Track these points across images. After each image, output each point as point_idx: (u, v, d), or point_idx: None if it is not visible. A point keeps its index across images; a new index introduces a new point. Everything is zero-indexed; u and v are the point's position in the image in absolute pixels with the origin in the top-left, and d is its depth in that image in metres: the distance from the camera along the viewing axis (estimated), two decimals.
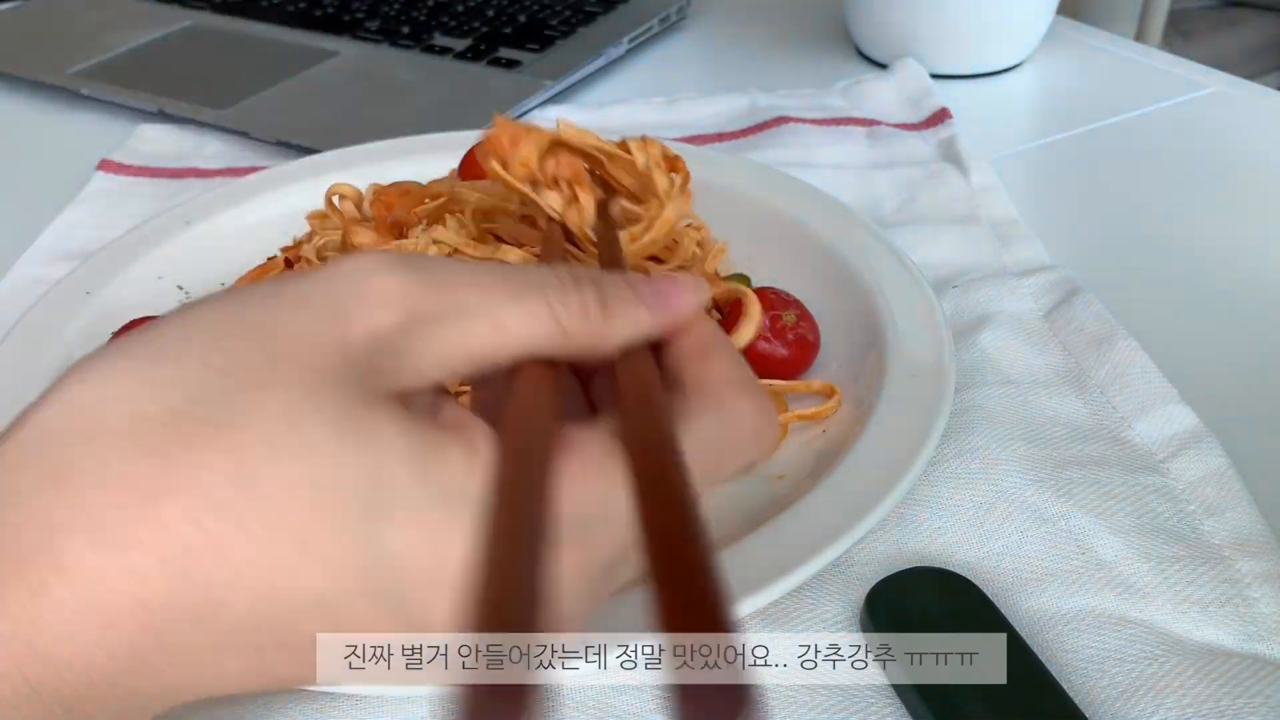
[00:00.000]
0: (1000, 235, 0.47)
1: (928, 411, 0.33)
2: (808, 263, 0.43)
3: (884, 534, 0.32)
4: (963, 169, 0.52)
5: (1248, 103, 0.60)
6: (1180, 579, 0.30)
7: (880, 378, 0.35)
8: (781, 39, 0.73)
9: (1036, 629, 0.29)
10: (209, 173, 0.57)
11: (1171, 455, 0.34)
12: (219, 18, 0.76)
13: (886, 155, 0.55)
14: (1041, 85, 0.65)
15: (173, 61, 0.70)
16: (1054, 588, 0.30)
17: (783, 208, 0.45)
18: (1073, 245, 0.47)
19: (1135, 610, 0.29)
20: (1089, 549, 0.31)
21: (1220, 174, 0.53)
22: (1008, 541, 0.31)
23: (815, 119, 0.59)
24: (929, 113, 0.59)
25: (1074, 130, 0.58)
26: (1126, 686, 0.27)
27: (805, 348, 0.38)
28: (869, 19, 0.67)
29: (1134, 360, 0.37)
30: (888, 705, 0.27)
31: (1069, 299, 0.41)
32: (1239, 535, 0.31)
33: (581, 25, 0.70)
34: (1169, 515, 0.32)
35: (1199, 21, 1.45)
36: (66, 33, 0.74)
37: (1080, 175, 0.54)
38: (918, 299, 0.38)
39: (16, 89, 0.69)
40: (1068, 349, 0.39)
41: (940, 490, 0.33)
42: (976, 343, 0.39)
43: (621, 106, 0.62)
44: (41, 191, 0.56)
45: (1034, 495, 0.33)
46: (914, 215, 0.50)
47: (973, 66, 0.65)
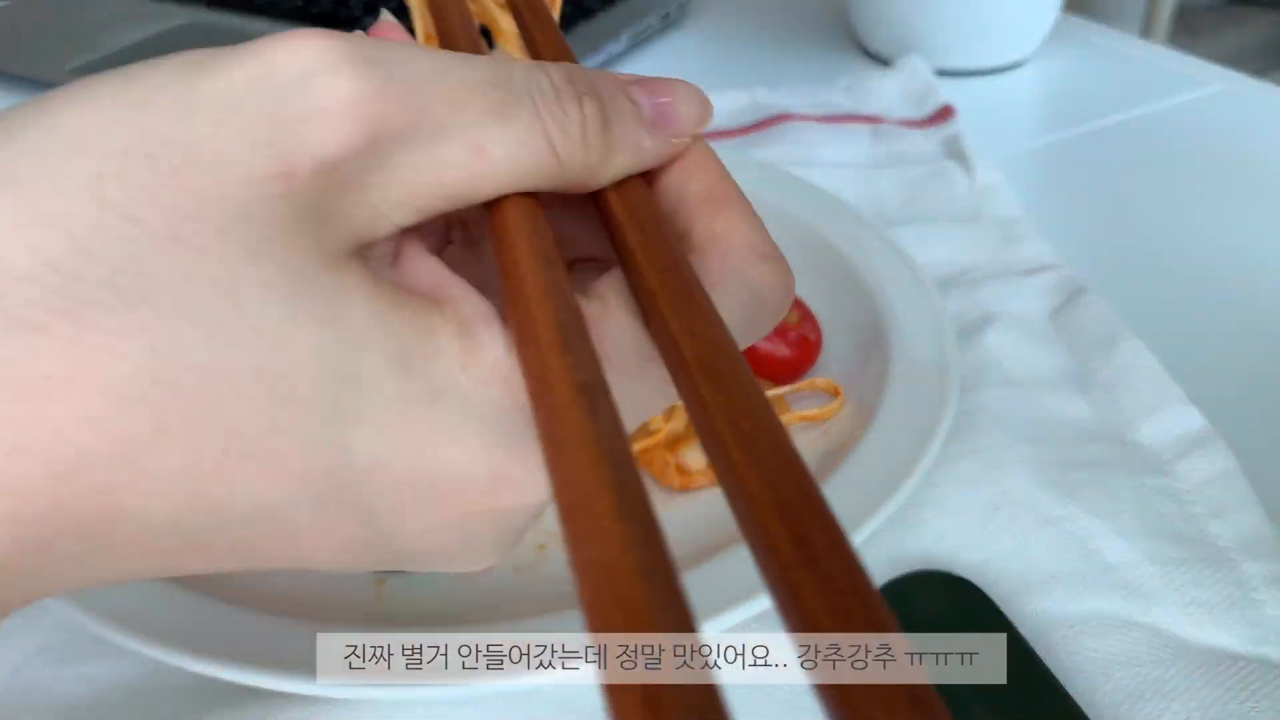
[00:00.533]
0: (1004, 234, 0.47)
1: (931, 412, 0.32)
2: (810, 262, 0.43)
3: (887, 536, 0.32)
4: (966, 167, 0.52)
5: (1254, 100, 0.60)
6: (1186, 581, 0.29)
7: (883, 378, 0.35)
8: (783, 35, 0.73)
9: (1042, 632, 0.29)
10: None
11: (1178, 457, 0.33)
12: (215, 14, 0.76)
13: (889, 153, 0.55)
14: (1046, 82, 0.64)
15: None
16: (1059, 591, 0.30)
17: (785, 206, 0.45)
18: (1078, 244, 0.47)
19: (1141, 613, 0.29)
20: (1094, 551, 0.31)
21: (1227, 172, 0.52)
22: (1013, 544, 0.31)
23: (817, 116, 0.58)
24: (932, 110, 0.59)
25: (1079, 128, 0.58)
26: (1132, 690, 0.27)
27: (807, 348, 0.38)
28: (872, 15, 0.66)
29: (1140, 361, 0.37)
30: None
31: (1074, 299, 0.41)
32: (1246, 537, 0.30)
33: (581, 21, 0.70)
34: (1175, 517, 0.31)
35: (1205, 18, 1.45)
36: (64, 30, 0.74)
37: (1085, 173, 0.54)
38: (921, 298, 0.38)
39: (14, 86, 0.69)
40: (1072, 349, 0.39)
41: (944, 492, 0.33)
42: (980, 343, 0.39)
43: None
44: None
45: (1039, 497, 0.32)
46: (917, 214, 0.49)
47: (977, 63, 0.65)
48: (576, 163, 0.17)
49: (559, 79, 0.17)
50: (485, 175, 0.16)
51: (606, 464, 0.12)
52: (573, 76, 0.17)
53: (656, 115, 0.18)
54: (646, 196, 0.18)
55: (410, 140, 0.15)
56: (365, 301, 0.15)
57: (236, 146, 0.14)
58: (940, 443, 0.31)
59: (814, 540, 0.12)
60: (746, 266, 0.18)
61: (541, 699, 0.28)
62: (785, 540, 0.12)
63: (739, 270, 0.17)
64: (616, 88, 0.18)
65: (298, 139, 0.14)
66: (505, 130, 0.16)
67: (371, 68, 0.15)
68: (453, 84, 0.16)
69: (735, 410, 0.13)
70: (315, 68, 0.15)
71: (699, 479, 0.34)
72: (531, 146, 0.16)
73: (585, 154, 0.17)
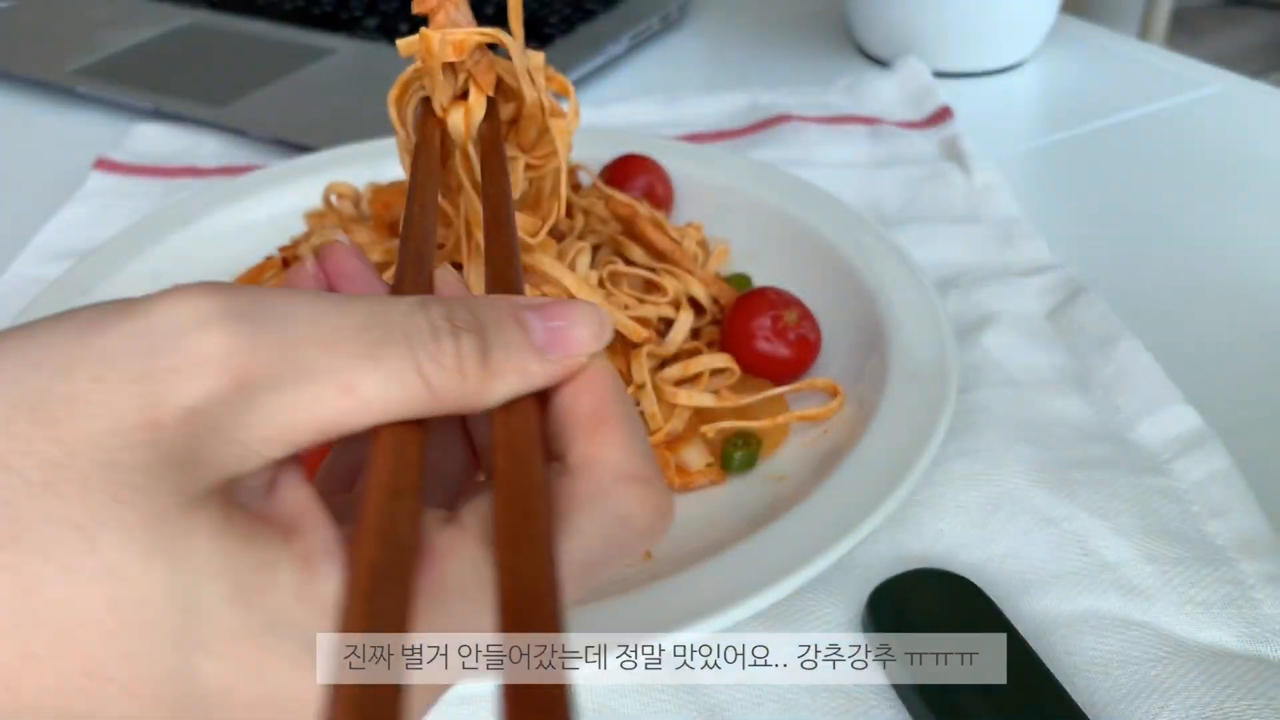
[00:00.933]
0: (1003, 234, 0.47)
1: (930, 412, 0.33)
2: (809, 262, 0.43)
3: (886, 535, 0.32)
4: (965, 168, 0.52)
5: (1252, 101, 0.60)
6: (1184, 580, 0.30)
7: (882, 378, 0.35)
8: (782, 37, 0.73)
9: (1040, 631, 0.29)
10: (206, 171, 0.57)
11: (1175, 456, 0.34)
12: (216, 16, 0.76)
13: (888, 154, 0.55)
14: (1044, 83, 0.64)
15: (169, 60, 0.70)
16: (1058, 590, 0.30)
17: (784, 207, 0.45)
18: (1076, 245, 0.47)
19: (1139, 612, 0.29)
20: (1093, 551, 0.31)
21: (1225, 173, 0.53)
22: (1011, 543, 0.31)
23: (817, 117, 0.58)
24: (931, 111, 0.59)
25: (1077, 129, 0.58)
26: (1130, 688, 0.27)
27: (807, 347, 0.38)
28: (871, 16, 0.66)
29: (1138, 361, 0.37)
30: (888, 705, 0.27)
31: (1072, 299, 0.41)
32: (1243, 536, 0.31)
33: (581, 23, 0.70)
34: (1173, 516, 0.32)
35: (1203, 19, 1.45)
36: (63, 31, 0.74)
37: (1083, 174, 0.54)
38: (920, 298, 0.38)
39: (13, 87, 0.69)
40: (1071, 349, 0.39)
41: (943, 491, 0.33)
42: (979, 342, 0.39)
43: (621, 105, 0.62)
44: (38, 190, 0.56)
45: (1038, 497, 0.32)
46: (916, 214, 0.49)
47: (975, 64, 0.65)
48: (453, 394, 0.18)
49: (437, 316, 0.18)
50: (356, 410, 0.17)
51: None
52: (453, 312, 0.18)
53: (549, 339, 0.19)
54: (527, 419, 0.18)
55: (280, 384, 0.16)
56: (212, 539, 0.16)
57: (110, 399, 0.16)
58: (939, 442, 0.32)
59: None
60: (613, 491, 0.18)
61: None
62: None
63: (604, 495, 0.18)
64: (507, 315, 0.19)
65: (167, 389, 0.16)
66: (376, 369, 0.17)
67: (243, 321, 0.17)
68: (326, 329, 0.17)
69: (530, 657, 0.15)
70: (190, 324, 0.16)
71: (698, 478, 0.34)
72: (403, 382, 0.17)
73: (463, 384, 0.18)
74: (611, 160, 0.48)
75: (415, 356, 0.17)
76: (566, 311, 0.19)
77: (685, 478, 0.34)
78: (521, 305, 0.19)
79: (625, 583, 0.29)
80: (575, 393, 0.19)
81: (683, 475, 0.34)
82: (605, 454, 0.18)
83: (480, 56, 0.31)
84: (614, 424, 0.19)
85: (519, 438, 0.18)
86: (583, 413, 0.19)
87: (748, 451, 0.35)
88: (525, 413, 0.19)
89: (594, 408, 0.19)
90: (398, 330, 0.17)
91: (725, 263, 0.45)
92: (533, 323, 0.19)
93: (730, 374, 0.37)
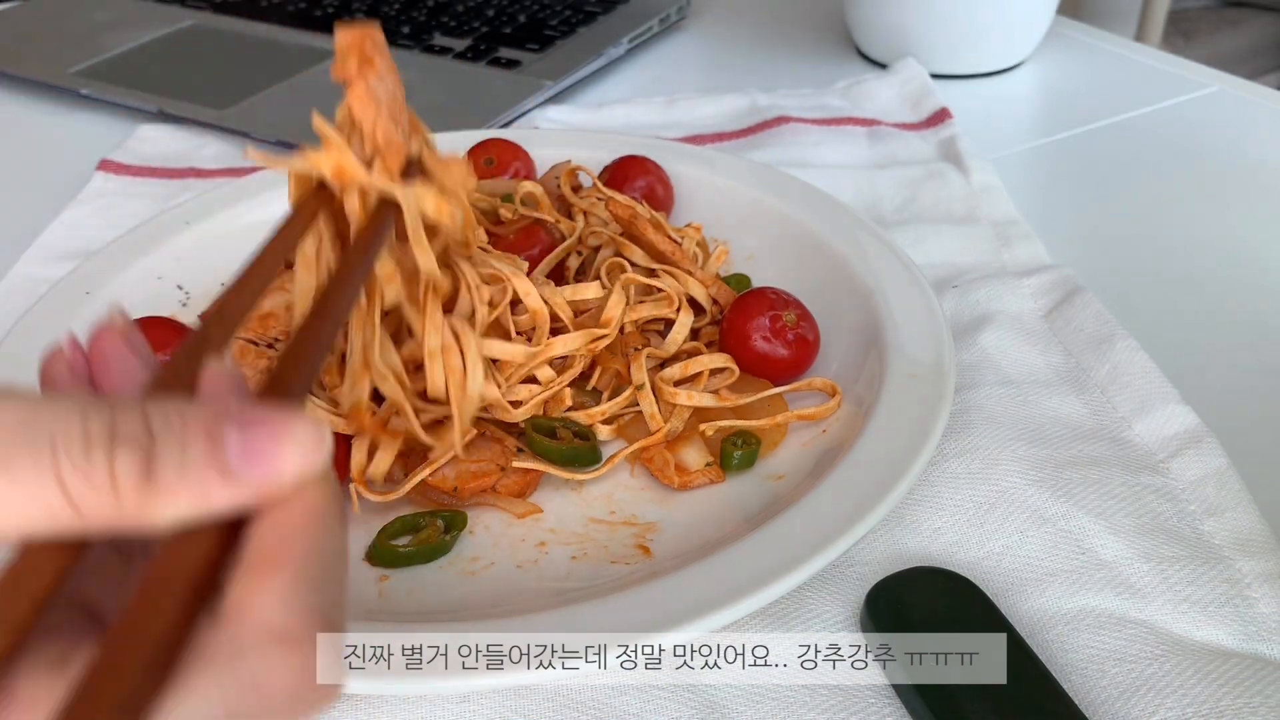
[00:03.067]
0: (1000, 235, 0.47)
1: (928, 411, 0.33)
2: (808, 263, 0.43)
3: (884, 534, 0.32)
4: (963, 169, 0.52)
5: (1248, 103, 0.60)
6: (1180, 579, 0.30)
7: (880, 378, 0.35)
8: (781, 39, 0.73)
9: (1037, 629, 0.29)
10: (209, 173, 0.57)
11: (1172, 455, 0.34)
12: (219, 18, 0.76)
13: (887, 155, 0.56)
14: (1042, 85, 0.65)
15: (173, 61, 0.70)
16: (1054, 588, 0.30)
17: (783, 208, 0.46)
18: (1073, 245, 0.47)
19: (1135, 610, 0.29)
20: (1089, 549, 0.31)
21: (1220, 174, 0.53)
22: (1008, 541, 0.31)
23: (815, 119, 0.59)
24: (929, 112, 0.59)
25: (1074, 130, 0.58)
26: (1127, 686, 0.27)
27: (805, 347, 0.38)
28: (869, 19, 0.67)
29: (1134, 360, 0.37)
30: (888, 705, 0.27)
31: (1069, 299, 0.41)
32: (1239, 535, 0.31)
33: (581, 25, 0.70)
34: (1169, 515, 0.32)
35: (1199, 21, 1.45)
36: (67, 32, 0.74)
37: (1080, 175, 0.54)
38: (918, 299, 0.38)
39: (17, 89, 0.69)
40: (1068, 349, 0.39)
41: (940, 490, 0.33)
42: (976, 342, 0.40)
43: (621, 106, 0.62)
44: (42, 191, 0.56)
45: (1034, 495, 0.33)
46: (914, 215, 0.50)
47: (973, 66, 0.65)
48: (103, 512, 0.16)
49: (95, 422, 0.16)
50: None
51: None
52: (118, 418, 0.16)
53: (245, 457, 0.16)
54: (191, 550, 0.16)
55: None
56: None
57: None
58: (936, 441, 0.32)
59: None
60: (249, 650, 0.16)
61: (540, 696, 0.28)
62: None
63: (238, 654, 0.16)
64: (196, 426, 0.16)
65: None
66: (6, 480, 0.15)
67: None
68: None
69: None
70: None
71: (698, 477, 0.35)
72: (38, 496, 0.15)
73: (116, 503, 0.16)
74: (611, 162, 0.48)
75: (57, 467, 0.15)
76: (275, 428, 0.17)
77: (685, 477, 0.35)
78: (224, 416, 0.17)
79: (625, 582, 0.29)
80: (267, 525, 0.17)
81: (682, 474, 0.35)
82: (257, 603, 0.16)
83: (390, 139, 0.31)
84: (284, 567, 0.16)
85: (167, 572, 0.16)
86: (256, 549, 0.16)
87: (747, 451, 0.35)
88: (192, 543, 0.16)
89: (273, 546, 0.16)
90: (43, 437, 0.15)
91: (724, 263, 0.46)
92: (229, 437, 0.16)
93: (729, 374, 0.38)
